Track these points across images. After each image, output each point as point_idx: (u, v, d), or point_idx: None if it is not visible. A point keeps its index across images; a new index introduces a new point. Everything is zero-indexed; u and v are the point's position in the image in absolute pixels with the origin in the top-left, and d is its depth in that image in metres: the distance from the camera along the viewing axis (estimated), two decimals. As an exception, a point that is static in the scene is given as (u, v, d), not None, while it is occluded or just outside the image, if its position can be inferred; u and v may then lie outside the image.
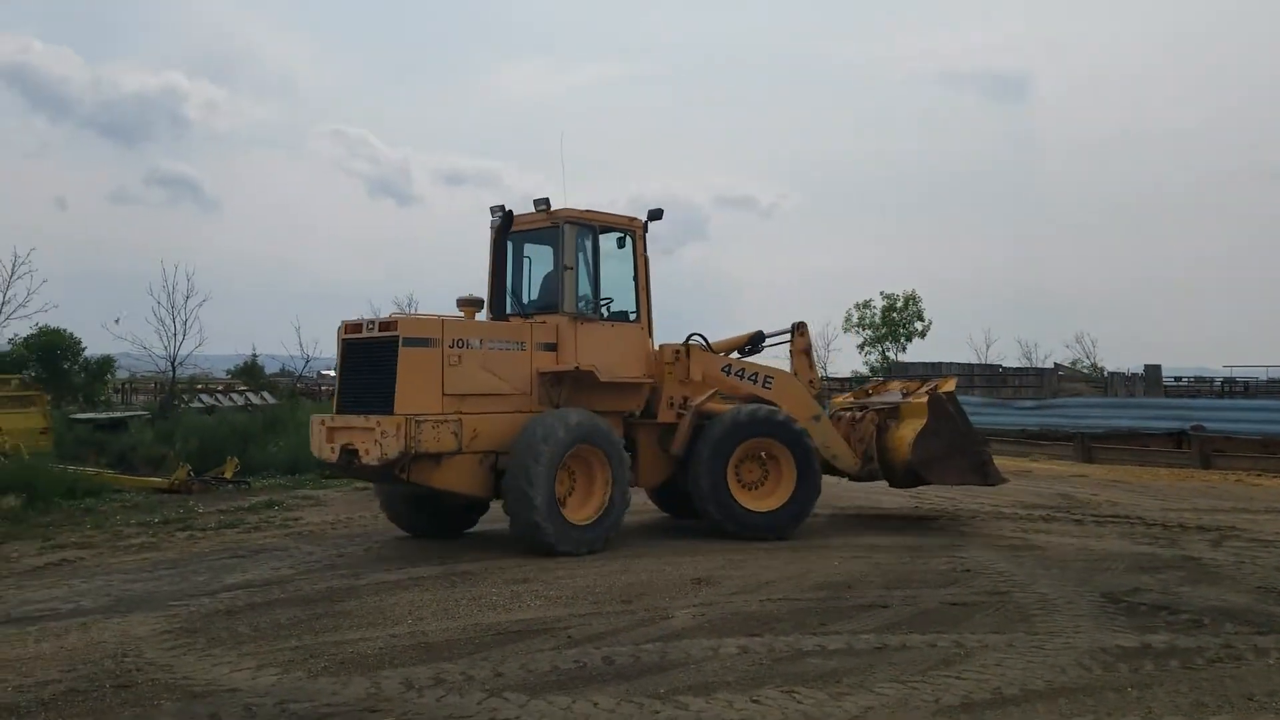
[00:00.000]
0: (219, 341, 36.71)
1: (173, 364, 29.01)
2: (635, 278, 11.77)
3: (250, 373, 36.59)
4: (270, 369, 38.17)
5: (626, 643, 6.88)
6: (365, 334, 10.33)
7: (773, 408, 11.89)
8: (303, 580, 9.09)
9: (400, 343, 9.92)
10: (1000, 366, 46.03)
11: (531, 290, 11.88)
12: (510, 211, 11.19)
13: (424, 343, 10.01)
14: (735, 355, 12.91)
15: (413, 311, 11.83)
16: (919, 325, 50.59)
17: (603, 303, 11.45)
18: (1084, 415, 26.56)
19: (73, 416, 23.29)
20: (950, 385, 13.07)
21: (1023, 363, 49.34)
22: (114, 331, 31.95)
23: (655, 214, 11.84)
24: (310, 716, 5.41)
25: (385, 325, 10.17)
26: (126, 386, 38.62)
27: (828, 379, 44.43)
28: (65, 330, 31.95)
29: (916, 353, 49.82)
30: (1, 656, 6.62)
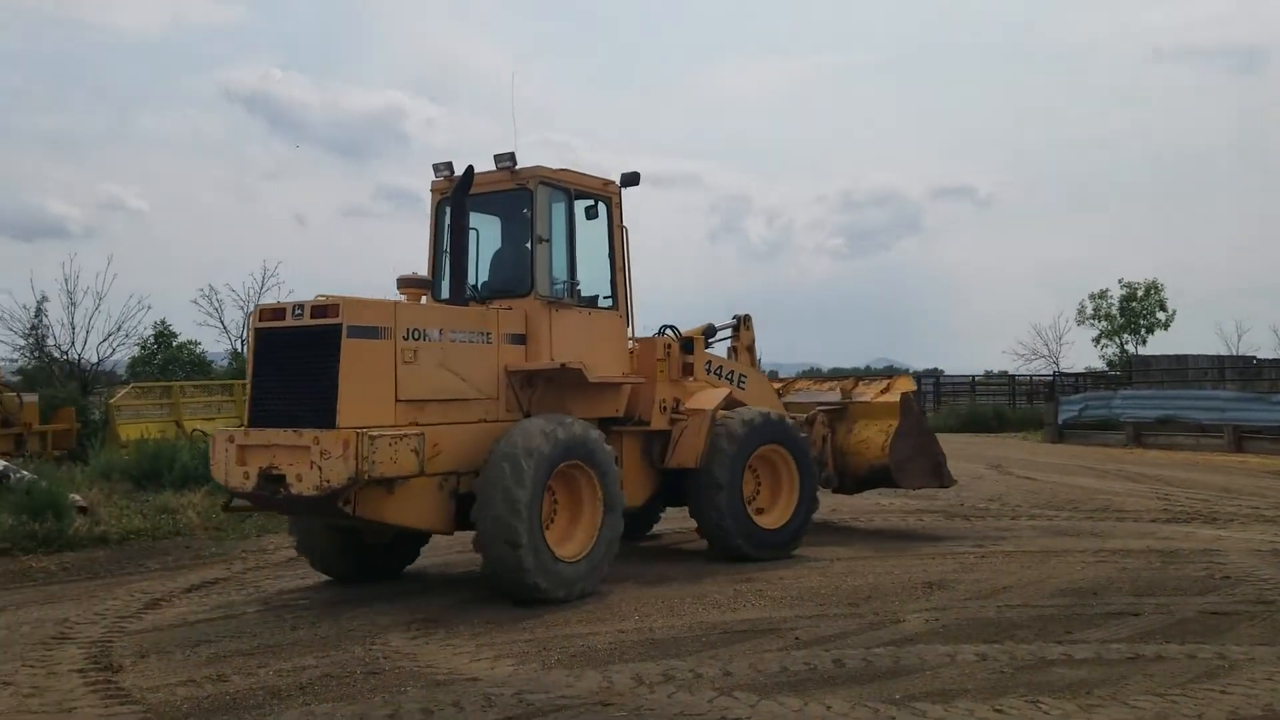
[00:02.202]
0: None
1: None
2: (611, 254, 9.76)
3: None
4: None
5: (856, 646, 6.71)
6: (291, 321, 7.97)
7: (778, 412, 10.73)
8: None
9: (344, 333, 7.65)
10: (1254, 358, 42.68)
11: (480, 269, 9.68)
12: (470, 168, 9.06)
13: (373, 333, 7.79)
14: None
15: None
16: (1161, 316, 47.49)
17: (576, 282, 9.55)
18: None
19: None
20: (910, 384, 12.27)
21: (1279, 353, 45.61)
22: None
23: (630, 178, 9.84)
24: (547, 708, 5.52)
25: (320, 310, 7.81)
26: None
27: (1060, 375, 42.40)
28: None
29: (1158, 345, 46.79)
30: (272, 643, 7.09)
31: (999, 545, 10.71)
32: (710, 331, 11.57)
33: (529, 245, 9.01)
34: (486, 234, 9.69)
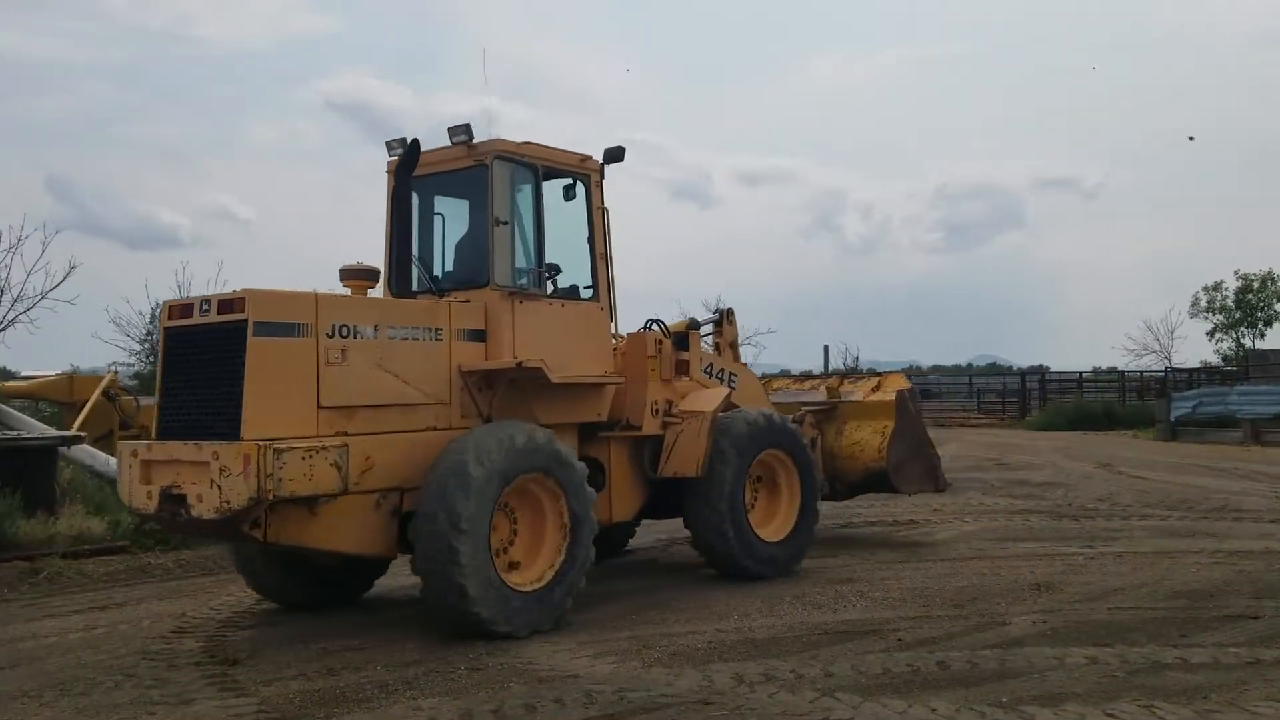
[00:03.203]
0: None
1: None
2: (590, 239, 8.72)
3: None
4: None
5: (961, 648, 6.60)
6: (198, 319, 7.02)
7: (778, 414, 9.77)
8: (617, 578, 9.35)
9: (250, 330, 6.64)
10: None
11: (447, 258, 8.71)
12: (415, 143, 8.02)
13: (287, 330, 6.79)
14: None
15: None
16: (1279, 308, 45.60)
17: (545, 271, 8.45)
18: None
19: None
20: (904, 382, 11.47)
21: None
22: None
23: (614, 153, 8.79)
24: (647, 705, 5.55)
25: (227, 304, 6.83)
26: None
27: (1172, 370, 41.05)
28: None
29: (1277, 338, 44.99)
30: (380, 639, 7.25)
31: (1109, 546, 10.42)
32: (694, 326, 10.38)
33: (489, 230, 7.95)
34: (454, 219, 8.65)
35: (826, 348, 37.19)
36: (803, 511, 9.50)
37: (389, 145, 8.40)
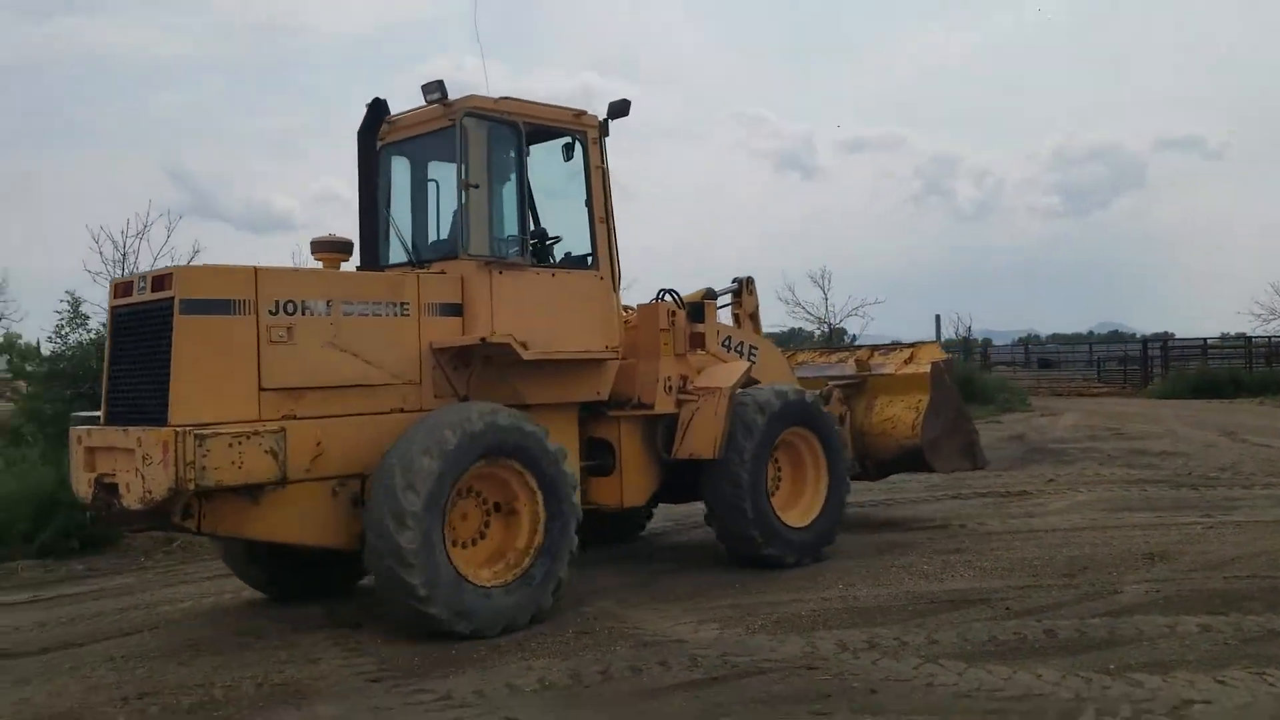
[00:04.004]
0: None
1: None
2: (589, 203, 7.96)
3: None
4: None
5: (1070, 616, 6.54)
6: (136, 297, 6.58)
7: (801, 389, 9.07)
8: (715, 547, 9.40)
9: (176, 308, 6.16)
10: None
11: (440, 228, 8.01)
12: (377, 102, 7.57)
13: (220, 307, 6.25)
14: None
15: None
16: None
17: (551, 241, 8.04)
18: None
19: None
20: (939, 353, 10.72)
21: None
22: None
23: (619, 107, 8.06)
24: (750, 669, 5.66)
25: (159, 281, 6.39)
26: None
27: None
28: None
29: None
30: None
31: (1229, 515, 10.13)
32: (710, 296, 9.75)
33: (461, 194, 7.31)
34: (447, 186, 7.86)
35: (938, 317, 36.56)
36: (830, 494, 8.90)
37: (424, 89, 7.46)
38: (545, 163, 8.09)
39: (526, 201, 7.73)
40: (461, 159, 7.25)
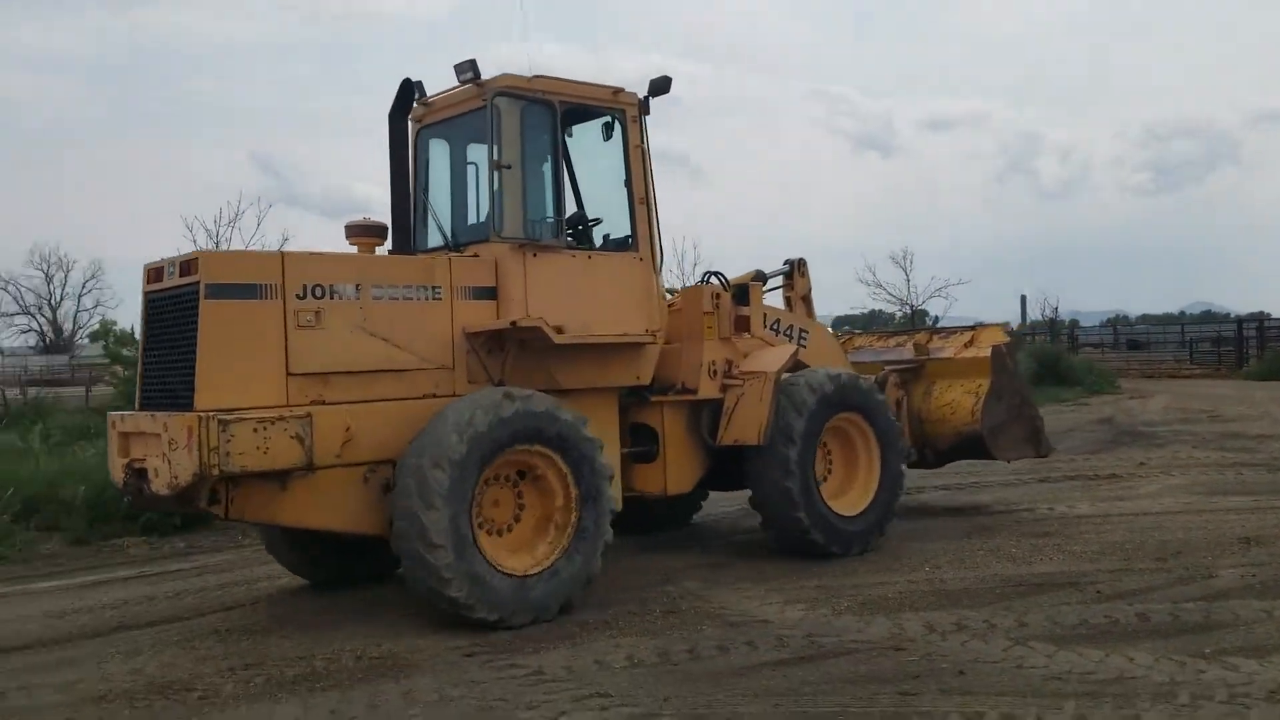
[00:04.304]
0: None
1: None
2: (628, 183, 7.74)
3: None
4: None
5: (1163, 600, 6.46)
6: (166, 283, 6.56)
7: (853, 374, 8.77)
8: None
9: (202, 293, 6.15)
10: None
11: (479, 212, 7.80)
12: (407, 83, 7.46)
13: (247, 292, 6.24)
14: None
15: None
16: None
17: (591, 223, 7.89)
18: None
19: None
20: (1000, 335, 10.17)
21: None
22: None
23: (660, 85, 7.84)
24: (838, 650, 5.69)
25: (186, 266, 6.36)
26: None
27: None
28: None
29: None
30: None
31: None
32: (760, 279, 9.46)
33: (494, 175, 7.20)
34: (485, 168, 7.54)
35: (1024, 298, 35.97)
36: (883, 482, 8.56)
37: (457, 69, 7.31)
38: (589, 143, 7.95)
39: (564, 182, 7.65)
40: (494, 139, 7.12)
